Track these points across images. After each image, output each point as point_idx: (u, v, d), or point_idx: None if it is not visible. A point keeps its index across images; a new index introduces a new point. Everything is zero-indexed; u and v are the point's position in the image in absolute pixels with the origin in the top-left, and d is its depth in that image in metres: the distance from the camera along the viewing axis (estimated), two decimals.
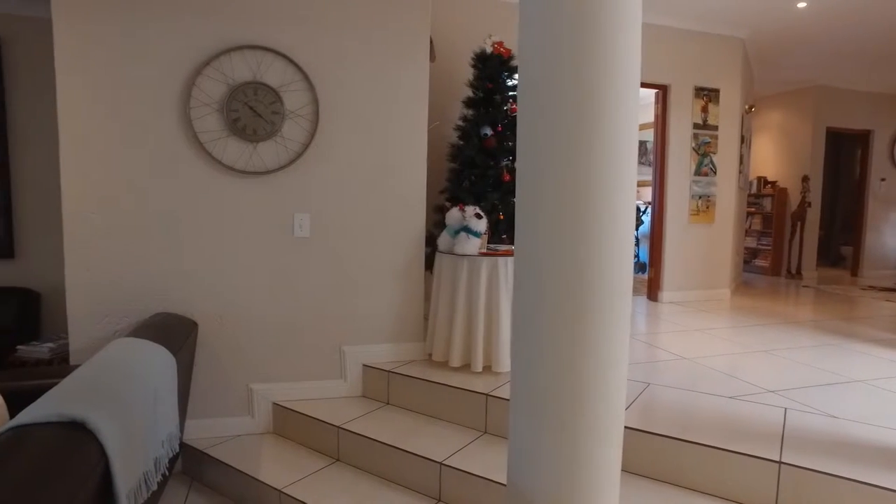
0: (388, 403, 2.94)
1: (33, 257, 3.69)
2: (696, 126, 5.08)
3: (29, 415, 1.45)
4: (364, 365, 3.02)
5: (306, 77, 2.82)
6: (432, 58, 3.16)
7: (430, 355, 3.06)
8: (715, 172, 5.19)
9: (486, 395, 2.61)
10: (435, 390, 2.77)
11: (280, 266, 2.89)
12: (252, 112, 2.75)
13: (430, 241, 3.24)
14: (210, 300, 2.81)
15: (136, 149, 2.68)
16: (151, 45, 2.65)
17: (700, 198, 5.15)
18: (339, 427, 2.64)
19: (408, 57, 2.98)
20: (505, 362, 2.86)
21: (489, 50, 3.63)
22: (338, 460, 2.65)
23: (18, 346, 3.19)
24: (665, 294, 5.07)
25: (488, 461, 2.32)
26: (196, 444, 2.75)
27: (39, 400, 1.57)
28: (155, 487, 1.83)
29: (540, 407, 1.43)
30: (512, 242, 3.45)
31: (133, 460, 1.64)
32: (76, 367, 2.36)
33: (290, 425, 2.85)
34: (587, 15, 1.28)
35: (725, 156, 5.23)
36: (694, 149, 5.09)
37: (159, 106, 2.68)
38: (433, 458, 2.34)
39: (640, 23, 1.37)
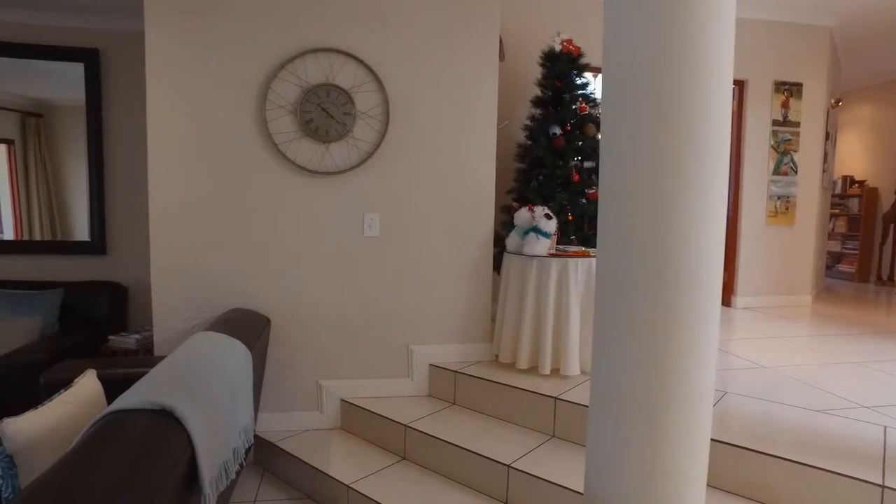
0: (454, 403, 2.93)
1: (122, 254, 3.92)
2: (775, 123, 4.80)
3: (125, 401, 1.53)
4: (431, 364, 3.02)
5: (377, 78, 2.86)
6: (501, 57, 3.13)
7: (497, 356, 3.04)
8: (795, 171, 4.90)
9: (555, 398, 2.56)
10: (502, 392, 2.74)
11: (350, 265, 2.94)
12: (324, 113, 2.81)
13: (498, 242, 3.22)
14: (282, 297, 2.90)
15: (216, 151, 2.79)
16: (231, 52, 2.76)
17: (779, 198, 4.87)
18: (406, 426, 2.66)
19: (477, 56, 2.97)
20: (574, 366, 2.80)
21: (558, 48, 3.57)
22: (404, 458, 2.67)
23: (110, 337, 3.40)
24: (739, 299, 4.83)
25: (557, 466, 2.27)
26: (268, 436, 2.84)
27: (133, 387, 1.66)
28: (234, 476, 1.89)
29: (622, 412, 1.38)
30: (581, 244, 3.39)
31: (215, 449, 1.70)
32: (161, 357, 2.49)
33: (358, 422, 2.89)
34: (678, 8, 1.23)
35: (807, 154, 4.92)
36: (773, 147, 4.82)
37: (237, 109, 2.79)
38: (501, 461, 2.31)
39: (734, 15, 1.29)
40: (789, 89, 4.80)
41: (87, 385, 1.97)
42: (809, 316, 4.55)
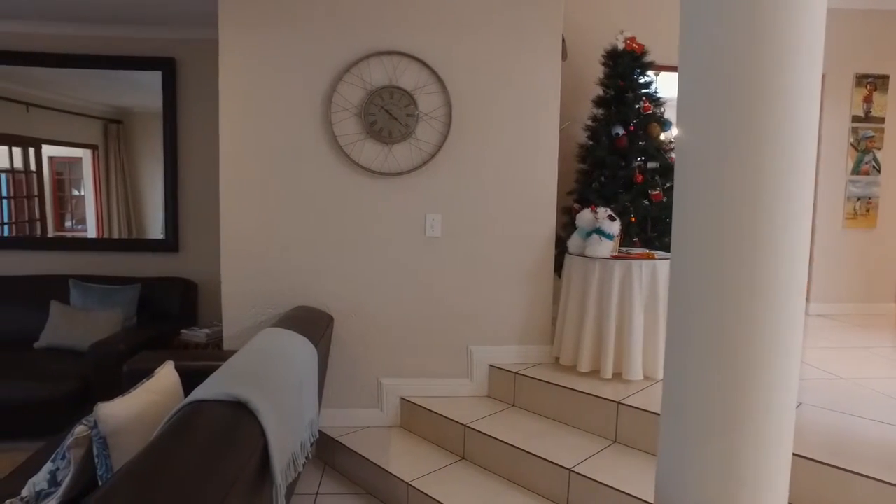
0: (513, 405, 2.92)
1: (193, 252, 4.11)
2: (855, 119, 4.53)
3: (203, 392, 1.60)
4: (490, 365, 3.02)
5: (440, 80, 2.88)
6: (564, 56, 3.10)
7: (558, 359, 3.00)
8: (878, 171, 4.60)
9: (618, 402, 2.50)
10: (562, 395, 2.71)
11: (411, 265, 2.98)
12: (388, 115, 2.86)
13: (558, 244, 3.18)
14: (345, 296, 2.96)
15: (283, 153, 2.89)
16: (298, 57, 2.85)
17: (858, 199, 4.59)
18: (465, 426, 2.66)
19: (540, 56, 2.94)
20: (636, 370, 2.73)
21: (621, 46, 3.50)
22: (463, 458, 2.67)
23: (182, 330, 3.57)
24: (813, 306, 4.58)
25: (620, 472, 2.22)
26: (329, 431, 2.90)
27: (209, 380, 1.73)
28: (301, 469, 1.94)
29: (698, 420, 1.34)
30: (644, 246, 3.30)
31: (284, 442, 1.76)
32: (230, 351, 2.59)
33: (417, 420, 2.92)
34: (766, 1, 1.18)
35: (893, 151, 4.61)
36: (852, 144, 4.55)
37: (304, 112, 2.87)
38: (562, 464, 2.28)
39: (825, 5, 1.23)
40: (873, 82, 4.51)
41: (166, 375, 2.07)
42: (893, 325, 4.27)
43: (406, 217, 2.95)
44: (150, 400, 1.89)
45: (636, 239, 3.37)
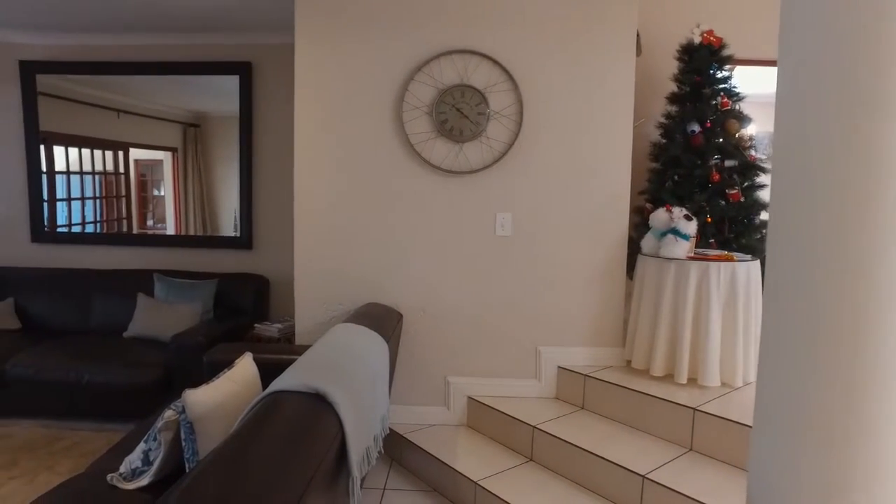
0: (582, 408, 2.86)
1: (266, 249, 4.26)
2: None
3: (282, 383, 1.65)
4: (559, 367, 2.97)
5: (511, 77, 2.87)
6: (638, 52, 3.02)
7: (629, 362, 2.92)
8: None
9: (694, 409, 2.41)
10: (634, 399, 2.63)
11: (481, 263, 2.97)
12: (459, 113, 2.87)
13: (629, 244, 3.09)
14: (414, 293, 2.99)
15: (355, 153, 2.95)
16: (371, 58, 2.90)
17: None
18: (534, 427, 2.63)
19: (614, 52, 2.87)
20: (713, 376, 2.62)
21: (697, 40, 3.38)
22: (531, 460, 2.64)
23: (255, 325, 3.71)
24: None
25: (696, 481, 2.13)
26: (396, 428, 2.93)
27: (287, 372, 1.78)
28: (374, 462, 1.97)
29: (797, 431, 1.25)
30: (721, 247, 3.17)
31: (360, 434, 1.78)
32: (303, 346, 2.66)
33: (485, 420, 2.91)
34: None
35: None
36: None
37: (376, 111, 2.93)
38: (635, 470, 2.22)
39: None
40: None
41: (246, 366, 2.14)
42: None
43: (476, 216, 2.95)
44: (231, 389, 1.97)
45: (712, 240, 3.24)
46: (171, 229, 4.48)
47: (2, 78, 4.31)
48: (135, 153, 4.47)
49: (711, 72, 3.35)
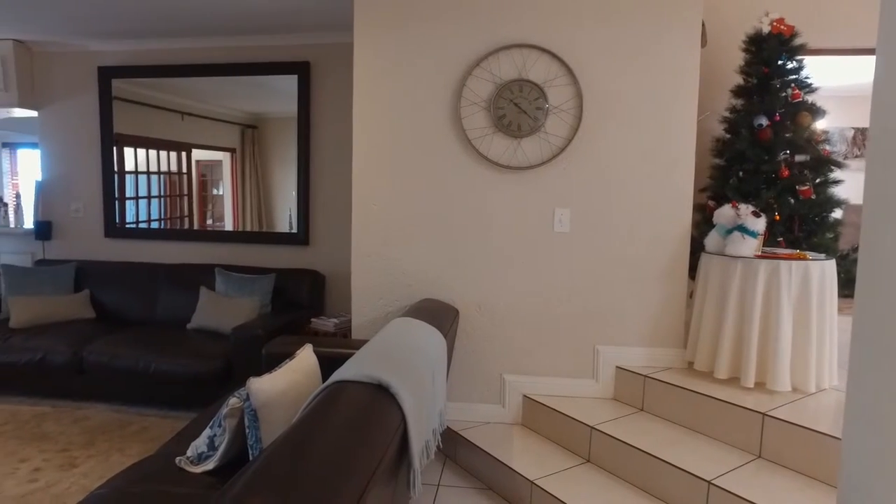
0: (641, 410, 2.78)
1: (322, 245, 4.35)
2: None
3: (344, 373, 1.66)
4: (617, 367, 2.90)
5: (570, 71, 2.82)
6: (703, 43, 2.91)
7: (691, 364, 2.82)
8: None
9: (763, 414, 2.30)
10: (697, 402, 2.53)
11: (538, 260, 2.93)
12: (517, 108, 2.84)
13: (691, 243, 2.99)
14: (470, 289, 2.98)
15: (413, 149, 2.97)
16: (429, 54, 2.91)
17: None
18: (592, 427, 2.57)
19: (677, 44, 2.78)
20: (783, 380, 2.50)
21: (766, 30, 3.23)
22: (588, 461, 2.59)
23: (312, 319, 3.79)
24: None
25: (767, 489, 2.04)
26: (451, 424, 2.92)
27: (348, 363, 1.79)
28: (432, 456, 1.97)
29: None
30: (790, 246, 3.02)
31: (420, 427, 1.78)
32: (360, 340, 2.69)
33: (540, 419, 2.87)
34: None
35: None
36: None
37: (433, 107, 2.93)
38: (700, 475, 2.13)
39: None
40: None
41: (306, 358, 2.18)
42: None
43: (534, 212, 2.91)
44: (293, 378, 2.01)
45: (781, 239, 3.09)
46: (228, 227, 4.63)
47: (83, 84, 4.58)
48: (196, 154, 4.64)
49: (781, 62, 3.20)
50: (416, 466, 1.64)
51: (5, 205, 5.14)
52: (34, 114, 4.74)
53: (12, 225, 5.05)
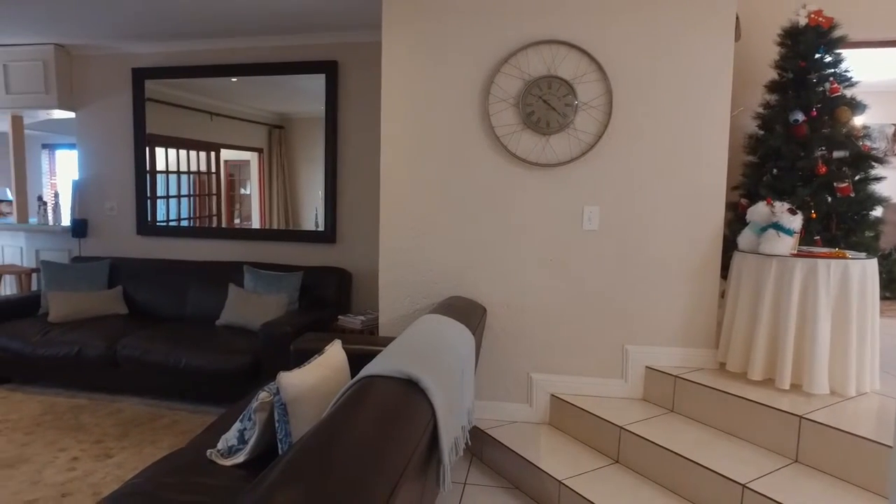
0: (671, 411, 2.73)
1: (349, 243, 4.37)
2: None
3: (374, 368, 1.66)
4: (647, 367, 2.85)
5: (600, 67, 2.78)
6: (737, 37, 2.84)
7: (723, 365, 2.76)
8: None
9: (800, 417, 2.23)
10: (730, 403, 2.48)
11: (567, 258, 2.90)
12: (546, 105, 2.81)
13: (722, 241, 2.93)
14: (497, 287, 2.96)
15: (440, 146, 2.96)
16: (457, 51, 2.90)
17: None
18: (621, 427, 2.54)
19: (710, 37, 2.72)
20: (821, 382, 2.42)
21: (803, 22, 3.15)
22: (617, 462, 2.55)
23: (339, 316, 3.81)
24: None
25: (803, 494, 1.98)
26: (478, 423, 2.91)
27: (378, 358, 1.79)
28: (461, 453, 1.96)
29: None
30: (826, 245, 2.94)
31: (450, 423, 1.77)
32: (387, 337, 2.70)
33: (568, 419, 2.84)
34: None
35: None
36: None
37: (461, 105, 2.92)
38: (734, 479, 2.08)
39: None
40: None
41: (335, 354, 2.19)
42: None
43: (562, 209, 2.88)
44: (322, 374, 2.02)
45: (817, 237, 3.01)
46: (256, 225, 4.69)
47: (118, 85, 4.70)
48: (225, 154, 4.72)
49: (819, 56, 3.11)
50: (445, 462, 1.64)
51: (44, 203, 5.29)
52: (72, 115, 4.87)
53: (51, 223, 5.20)
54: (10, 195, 6.33)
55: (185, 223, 4.82)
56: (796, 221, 2.58)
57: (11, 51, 4.66)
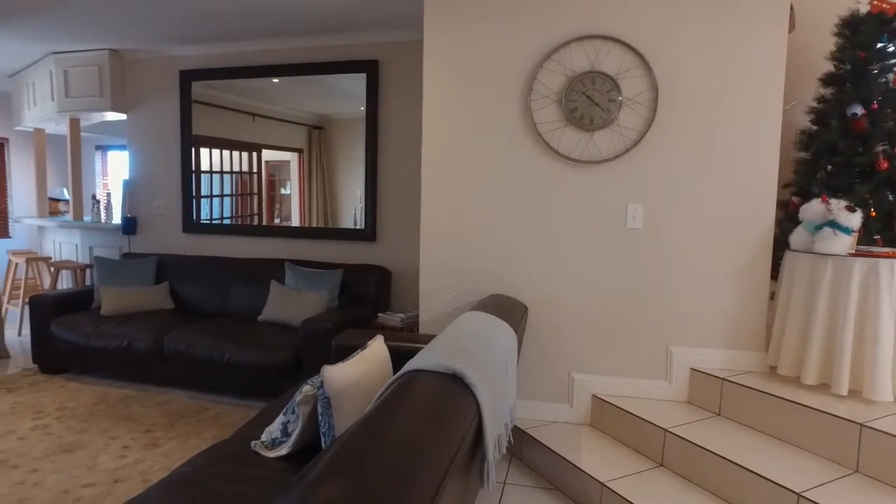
0: (718, 414, 2.64)
1: (388, 241, 4.40)
2: None
3: (418, 363, 1.66)
4: (692, 369, 2.77)
5: (645, 62, 2.72)
6: (791, 27, 2.74)
7: (774, 368, 2.66)
8: None
9: (861, 424, 2.13)
10: (783, 408, 2.38)
11: (609, 257, 2.85)
12: (589, 101, 2.77)
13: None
14: (539, 286, 2.93)
15: (482, 144, 2.95)
16: (498, 48, 2.89)
17: None
18: (665, 430, 2.47)
19: (762, 28, 2.63)
20: (884, 389, 2.30)
21: (864, 10, 3.00)
22: (661, 465, 2.48)
23: (378, 314, 3.84)
24: None
25: None
26: (517, 422, 2.88)
27: (421, 353, 1.79)
28: (504, 451, 1.94)
29: None
30: (889, 244, 2.80)
31: (494, 420, 1.75)
32: (428, 335, 2.69)
33: (610, 420, 2.78)
34: None
35: None
36: None
37: (503, 102, 2.90)
38: (788, 487, 2.00)
39: None
40: None
41: (378, 348, 2.20)
42: None
43: (605, 207, 2.83)
44: (365, 369, 2.02)
45: (877, 237, 2.86)
46: (295, 222, 4.77)
47: (166, 87, 4.85)
48: (266, 154, 4.81)
49: (881, 45, 2.96)
50: (490, 458, 1.62)
51: (98, 202, 5.51)
52: (123, 117, 5.06)
53: (103, 221, 5.41)
54: (66, 195, 6.62)
55: (226, 222, 4.94)
56: (855, 219, 2.47)
57: (71, 57, 4.88)
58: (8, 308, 5.20)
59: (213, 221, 4.93)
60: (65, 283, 5.46)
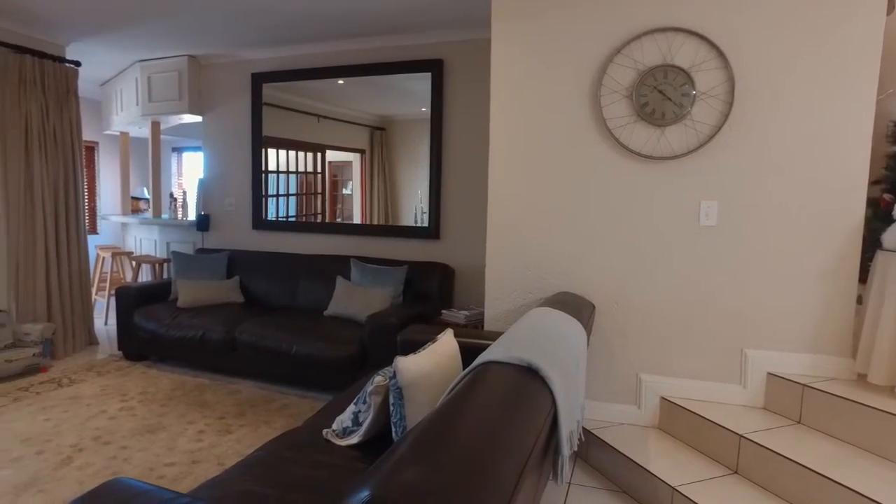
0: (798, 422, 2.51)
1: (452, 239, 4.43)
2: None
3: (492, 355, 1.66)
4: (769, 373, 2.65)
5: (721, 54, 2.62)
6: (890, 9, 2.57)
7: (863, 376, 2.50)
8: None
9: None
10: (873, 418, 2.24)
11: (680, 255, 2.77)
12: (661, 95, 2.69)
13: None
14: (607, 284, 2.88)
15: (550, 140, 2.92)
16: (566, 43, 2.85)
17: None
18: (741, 436, 2.37)
19: (856, 12, 2.46)
20: None
21: None
22: (735, 472, 2.39)
23: (442, 311, 3.86)
24: None
25: None
26: (584, 423, 2.84)
27: (493, 347, 1.79)
28: (576, 447, 1.91)
29: None
30: None
31: (568, 415, 1.73)
32: (495, 332, 2.69)
33: (680, 423, 2.70)
34: None
35: None
36: None
37: (572, 97, 2.87)
38: (879, 500, 1.88)
39: None
40: None
41: (448, 342, 2.21)
42: None
43: (677, 204, 2.75)
44: (436, 361, 2.04)
45: None
46: (357, 220, 4.87)
47: (239, 89, 5.07)
48: (329, 155, 4.94)
49: None
50: (564, 453, 1.61)
51: (175, 200, 5.81)
52: (199, 119, 5.32)
53: (179, 217, 5.70)
54: (147, 194, 7.02)
55: (292, 221, 5.10)
56: None
57: (154, 64, 5.18)
58: (96, 299, 5.56)
59: (280, 219, 5.11)
60: (144, 276, 5.79)
